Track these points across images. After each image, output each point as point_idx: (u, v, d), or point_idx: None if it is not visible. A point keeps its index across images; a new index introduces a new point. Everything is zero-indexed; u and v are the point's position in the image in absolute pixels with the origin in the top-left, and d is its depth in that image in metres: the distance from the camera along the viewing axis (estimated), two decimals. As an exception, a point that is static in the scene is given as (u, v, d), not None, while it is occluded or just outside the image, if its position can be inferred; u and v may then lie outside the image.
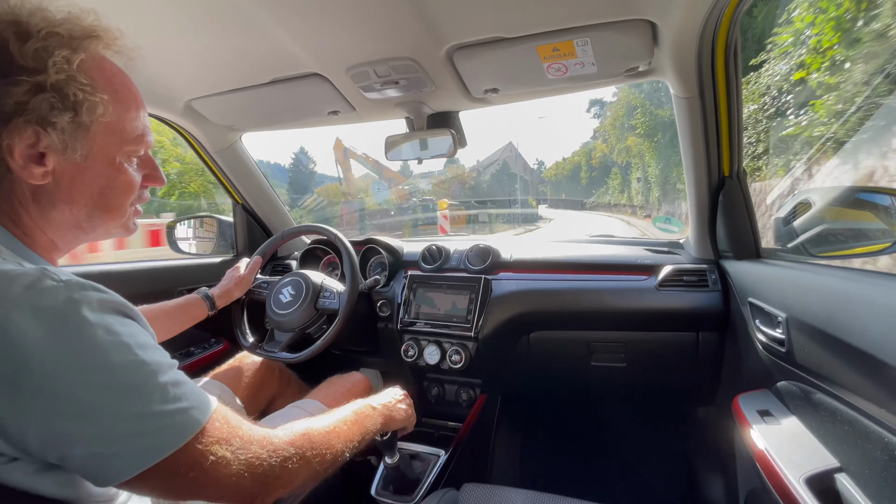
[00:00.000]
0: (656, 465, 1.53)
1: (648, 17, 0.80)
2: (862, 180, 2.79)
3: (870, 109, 3.11)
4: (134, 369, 0.42)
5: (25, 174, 0.47)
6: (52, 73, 0.46)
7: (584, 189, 46.47)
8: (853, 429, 0.63)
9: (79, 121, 0.49)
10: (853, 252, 0.97)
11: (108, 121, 0.51)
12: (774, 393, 0.89)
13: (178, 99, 1.20)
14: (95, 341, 0.41)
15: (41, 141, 0.47)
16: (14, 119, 0.45)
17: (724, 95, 0.94)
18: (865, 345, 0.59)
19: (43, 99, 0.46)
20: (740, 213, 1.09)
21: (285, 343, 1.23)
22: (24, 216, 0.50)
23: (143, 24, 0.84)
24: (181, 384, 0.46)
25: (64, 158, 0.49)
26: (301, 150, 42.71)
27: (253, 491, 0.50)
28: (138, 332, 0.46)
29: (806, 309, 0.77)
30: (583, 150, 53.62)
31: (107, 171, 0.53)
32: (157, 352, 0.46)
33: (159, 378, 0.44)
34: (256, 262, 1.30)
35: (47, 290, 0.40)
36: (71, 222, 0.53)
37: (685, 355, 1.22)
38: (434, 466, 1.09)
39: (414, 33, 0.87)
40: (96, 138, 0.51)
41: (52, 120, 0.47)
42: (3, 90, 0.44)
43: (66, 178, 0.50)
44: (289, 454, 0.54)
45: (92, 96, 0.49)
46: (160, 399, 0.43)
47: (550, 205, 41.84)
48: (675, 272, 1.22)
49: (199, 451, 0.45)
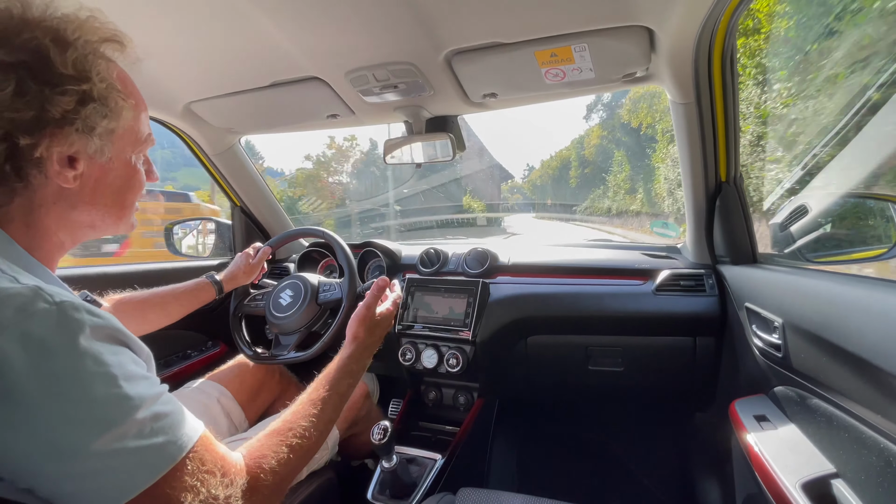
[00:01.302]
0: (653, 470, 1.53)
1: (645, 24, 0.81)
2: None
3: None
4: (115, 404, 0.41)
5: (61, 178, 0.49)
6: (97, 81, 0.48)
7: (575, 191, 35.29)
8: (849, 434, 0.63)
9: (112, 126, 0.51)
10: (850, 258, 0.97)
11: (128, 125, 0.54)
12: (771, 398, 0.89)
13: (178, 102, 1.20)
14: (81, 372, 0.40)
15: (79, 146, 0.48)
16: (65, 127, 0.46)
17: (720, 101, 0.95)
18: (861, 350, 0.60)
19: (92, 109, 0.48)
20: (737, 218, 1.09)
21: (293, 344, 1.23)
22: (44, 218, 0.50)
23: (144, 27, 0.84)
24: (161, 417, 0.44)
25: (92, 162, 0.51)
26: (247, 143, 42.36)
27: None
28: (127, 361, 0.44)
29: (802, 314, 0.78)
30: (574, 143, 41.07)
31: (125, 171, 0.55)
32: (143, 383, 0.44)
33: (139, 413, 0.42)
34: (266, 251, 1.30)
35: (39, 315, 0.39)
36: (87, 222, 0.54)
37: (682, 360, 1.22)
38: (431, 470, 1.09)
39: (413, 38, 0.87)
40: (118, 142, 0.53)
41: (94, 126, 0.49)
42: (50, 98, 0.45)
43: (92, 180, 0.52)
44: (243, 482, 0.50)
45: (125, 102, 0.52)
46: (136, 435, 0.41)
47: (538, 211, 35.04)
48: (673, 277, 1.22)
49: (178, 483, 0.43)
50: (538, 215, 32.00)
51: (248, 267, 1.24)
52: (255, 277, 1.29)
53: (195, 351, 1.47)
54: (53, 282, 0.50)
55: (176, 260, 1.58)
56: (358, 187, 21.61)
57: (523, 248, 1.54)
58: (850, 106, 2.09)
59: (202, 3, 0.77)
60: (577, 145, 39.08)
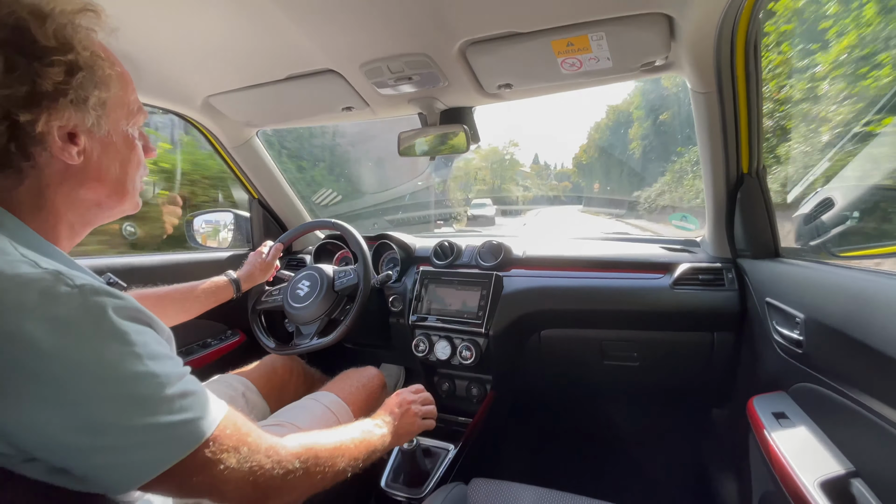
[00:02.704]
0: (668, 466, 1.51)
1: (665, 11, 0.79)
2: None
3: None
4: (144, 381, 0.42)
5: (65, 155, 0.49)
6: (80, 50, 0.48)
7: (634, 170, 22.58)
8: (870, 433, 0.61)
9: (103, 97, 0.51)
10: (876, 252, 0.94)
11: (118, 96, 0.53)
12: (791, 395, 0.87)
13: (197, 96, 1.23)
14: (107, 352, 0.41)
15: (77, 120, 0.49)
16: (59, 99, 0.46)
17: (743, 91, 0.92)
18: (885, 347, 0.58)
19: (82, 78, 0.48)
20: (759, 212, 1.06)
21: (314, 332, 1.25)
22: (53, 198, 0.50)
23: (164, 22, 0.86)
24: (189, 394, 0.46)
25: (91, 136, 0.51)
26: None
27: (254, 497, 0.51)
28: (152, 340, 0.45)
29: (825, 310, 0.75)
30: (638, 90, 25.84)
31: (124, 145, 0.55)
32: (168, 362, 0.46)
33: (167, 390, 0.43)
34: (277, 248, 1.32)
35: (62, 298, 0.40)
36: (94, 200, 0.54)
37: (700, 355, 1.20)
38: (444, 460, 1.10)
39: (427, 29, 0.87)
40: (111, 114, 0.53)
41: (87, 97, 0.48)
42: (40, 71, 0.45)
43: (95, 155, 0.52)
44: (292, 467, 0.55)
45: (112, 71, 0.52)
46: (167, 411, 0.43)
47: (585, 204, 23.17)
48: (691, 271, 1.20)
49: (206, 459, 0.45)
50: (586, 209, 21.40)
51: (263, 264, 1.26)
52: (270, 275, 1.31)
53: (215, 340, 1.50)
54: (71, 265, 0.50)
55: (195, 251, 1.62)
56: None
57: (538, 240, 1.53)
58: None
59: None
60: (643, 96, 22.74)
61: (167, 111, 1.31)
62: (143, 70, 1.04)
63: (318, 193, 6.22)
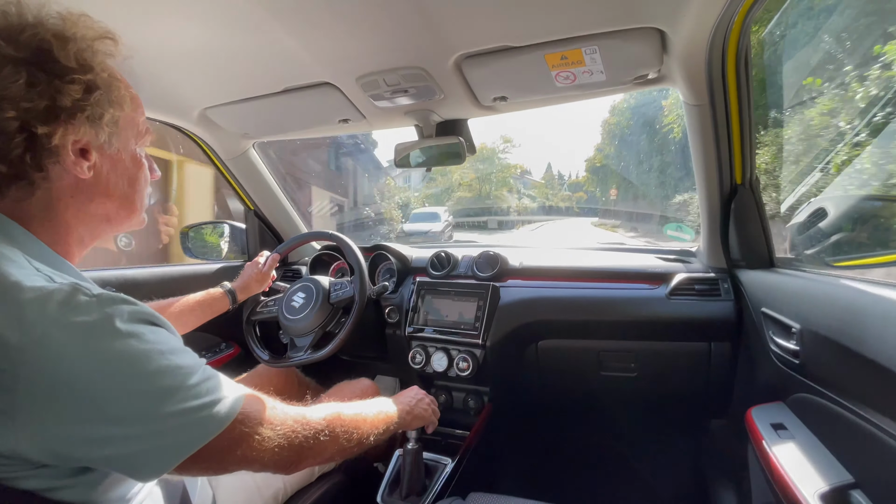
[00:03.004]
0: (666, 478, 1.50)
1: (657, 26, 0.80)
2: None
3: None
4: (169, 374, 0.45)
5: (77, 169, 0.51)
6: (99, 71, 0.51)
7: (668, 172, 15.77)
8: (869, 444, 0.61)
9: (116, 115, 0.54)
10: (870, 261, 0.94)
11: (129, 115, 0.57)
12: (789, 405, 0.87)
13: (194, 108, 1.23)
14: (130, 352, 0.43)
15: (90, 136, 0.51)
16: (77, 115, 0.49)
17: (735, 103, 0.93)
18: (881, 357, 0.58)
19: (99, 96, 0.51)
20: (753, 222, 1.07)
21: (308, 344, 1.24)
22: (63, 212, 0.52)
23: (161, 35, 0.87)
24: (212, 378, 0.49)
25: (102, 152, 0.54)
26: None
27: (291, 459, 0.57)
28: (167, 338, 0.48)
29: (820, 320, 0.76)
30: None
31: (133, 163, 0.58)
32: (186, 354, 0.49)
33: (192, 379, 0.47)
34: (274, 258, 1.31)
35: (82, 306, 0.42)
36: (103, 215, 0.56)
37: (697, 366, 1.20)
38: (441, 474, 1.09)
39: (423, 43, 0.88)
40: (122, 133, 0.56)
41: (102, 115, 0.51)
42: (60, 88, 0.47)
43: (105, 171, 0.54)
44: (321, 427, 0.61)
45: (126, 92, 0.56)
46: (195, 395, 0.46)
47: (602, 217, 19.99)
48: (687, 281, 1.20)
49: (242, 433, 0.50)
50: (601, 222, 18.39)
51: (259, 275, 1.26)
52: (267, 285, 1.30)
53: (209, 352, 1.49)
54: (82, 279, 0.52)
55: (191, 263, 1.61)
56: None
57: (534, 251, 1.53)
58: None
59: (218, 11, 0.79)
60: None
61: (164, 123, 1.31)
62: (140, 82, 1.04)
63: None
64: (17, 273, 0.42)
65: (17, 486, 0.41)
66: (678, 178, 14.69)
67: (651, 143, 18.54)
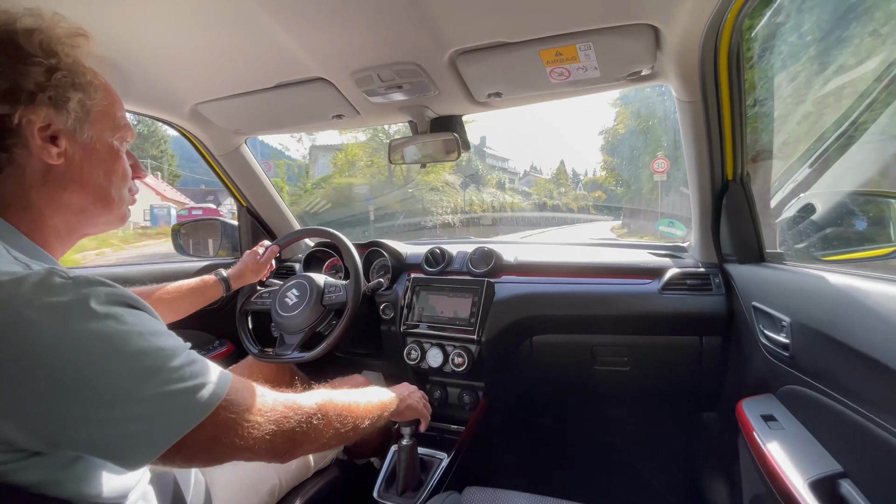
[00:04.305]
0: (660, 470, 1.52)
1: (651, 22, 0.81)
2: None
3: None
4: (149, 355, 0.44)
5: (44, 154, 0.51)
6: (63, 56, 0.51)
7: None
8: (858, 434, 0.62)
9: (86, 103, 0.53)
10: (858, 255, 0.96)
11: (103, 106, 0.57)
12: (779, 397, 0.89)
13: (185, 103, 1.21)
14: (106, 332, 0.42)
15: (56, 120, 0.51)
16: (38, 95, 0.49)
17: (727, 99, 0.94)
18: (869, 349, 0.59)
19: (60, 77, 0.50)
20: (744, 217, 1.09)
21: (297, 343, 1.24)
22: (37, 200, 0.52)
23: (152, 30, 0.85)
24: (197, 362, 0.48)
25: (73, 139, 0.53)
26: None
27: (284, 447, 0.55)
28: (148, 320, 0.47)
29: (810, 313, 0.77)
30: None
31: (108, 154, 0.58)
32: (169, 337, 0.47)
33: (174, 361, 0.45)
34: (273, 250, 1.31)
35: (56, 287, 0.42)
36: (78, 206, 0.56)
37: (689, 359, 1.21)
38: (436, 469, 1.09)
39: (417, 38, 0.87)
40: (96, 123, 0.56)
41: (67, 98, 0.51)
42: (22, 71, 0.48)
43: (77, 159, 0.54)
44: (313, 412, 0.60)
45: (94, 80, 0.55)
46: (178, 379, 0.45)
47: (628, 216, 17.53)
48: (679, 276, 1.22)
49: (228, 419, 0.48)
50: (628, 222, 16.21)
51: (255, 265, 1.25)
52: (263, 275, 1.29)
53: (202, 350, 1.48)
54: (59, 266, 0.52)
55: (183, 260, 1.60)
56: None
57: (528, 247, 1.54)
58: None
59: (210, 6, 0.78)
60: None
61: (154, 119, 1.29)
62: (131, 78, 1.03)
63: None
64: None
65: (9, 479, 0.41)
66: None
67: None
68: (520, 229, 18.36)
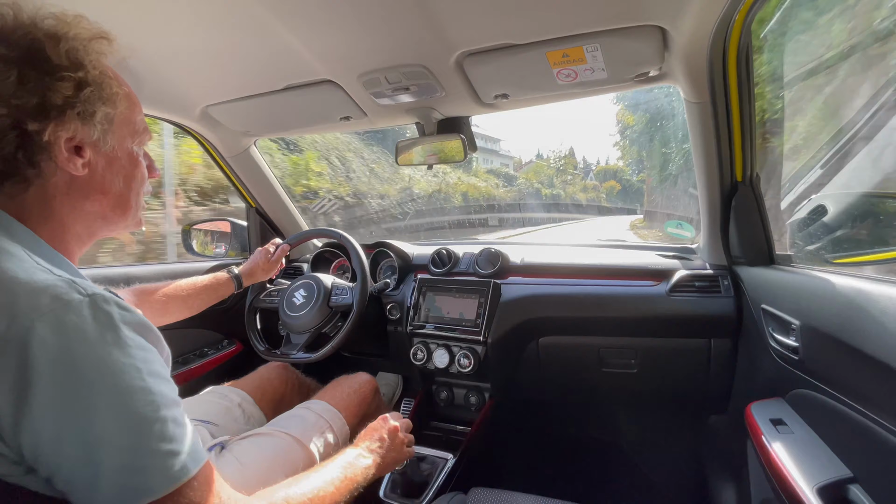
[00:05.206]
0: (667, 473, 1.51)
1: (658, 23, 0.80)
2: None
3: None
4: (141, 397, 0.42)
5: (70, 166, 0.51)
6: (90, 69, 0.51)
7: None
8: (867, 439, 0.62)
9: (110, 113, 0.54)
10: (870, 258, 0.95)
11: (124, 114, 0.57)
12: (788, 401, 0.88)
13: (196, 105, 1.23)
14: (110, 361, 0.42)
15: (82, 132, 0.51)
16: (67, 111, 0.49)
17: (736, 100, 0.93)
18: (880, 353, 0.58)
19: (89, 93, 0.51)
20: (753, 219, 1.08)
21: (302, 344, 1.25)
22: (59, 209, 0.52)
23: (163, 33, 0.87)
24: (180, 424, 0.45)
25: (97, 150, 0.54)
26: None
27: None
28: (153, 358, 0.46)
29: (820, 316, 0.76)
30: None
31: (128, 161, 0.58)
32: (165, 384, 0.46)
33: (162, 412, 0.43)
34: (284, 248, 1.32)
35: (73, 304, 0.42)
36: (99, 213, 0.56)
37: (697, 362, 1.20)
38: (442, 470, 1.10)
39: (424, 41, 0.88)
40: (118, 130, 0.56)
41: (94, 111, 0.51)
42: (50, 85, 0.48)
43: (99, 168, 0.54)
44: None
45: (119, 90, 0.55)
46: (158, 436, 0.43)
47: (650, 208, 13.67)
48: (687, 278, 1.21)
49: (191, 500, 0.44)
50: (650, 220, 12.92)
51: (266, 263, 1.26)
52: (273, 273, 1.31)
53: (212, 349, 1.50)
54: (81, 277, 0.51)
55: (192, 259, 1.62)
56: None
57: (535, 248, 1.53)
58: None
59: (220, 9, 0.79)
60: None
61: (165, 121, 1.31)
62: (142, 80, 1.05)
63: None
64: (15, 266, 0.43)
65: (23, 483, 0.41)
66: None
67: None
68: (504, 228, 13.41)
